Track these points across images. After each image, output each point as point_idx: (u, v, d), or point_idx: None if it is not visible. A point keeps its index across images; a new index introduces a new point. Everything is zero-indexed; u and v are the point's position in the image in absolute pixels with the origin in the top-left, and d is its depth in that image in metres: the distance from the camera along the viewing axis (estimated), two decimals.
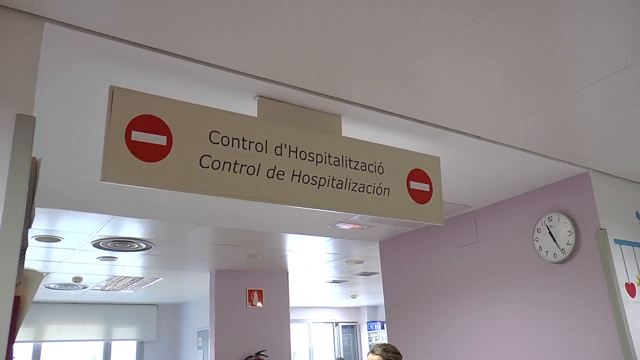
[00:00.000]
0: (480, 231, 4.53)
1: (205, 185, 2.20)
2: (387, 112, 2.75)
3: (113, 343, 9.93)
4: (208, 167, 2.21)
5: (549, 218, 3.97)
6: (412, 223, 4.87)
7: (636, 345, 3.44)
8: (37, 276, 1.77)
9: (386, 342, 3.47)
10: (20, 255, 1.67)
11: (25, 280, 1.72)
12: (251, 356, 6.90)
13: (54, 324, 9.23)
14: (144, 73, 2.28)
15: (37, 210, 4.16)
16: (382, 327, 12.10)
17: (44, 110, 2.48)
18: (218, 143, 2.26)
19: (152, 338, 10.14)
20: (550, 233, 3.94)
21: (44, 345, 9.27)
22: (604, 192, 3.84)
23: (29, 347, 9.09)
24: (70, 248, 5.34)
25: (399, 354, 3.25)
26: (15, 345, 1.65)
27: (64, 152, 3.02)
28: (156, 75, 2.30)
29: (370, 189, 2.64)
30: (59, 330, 9.26)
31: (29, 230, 1.75)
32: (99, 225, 4.61)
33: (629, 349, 3.40)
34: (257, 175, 2.33)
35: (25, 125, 1.74)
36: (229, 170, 2.25)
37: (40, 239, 4.86)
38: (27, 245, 1.79)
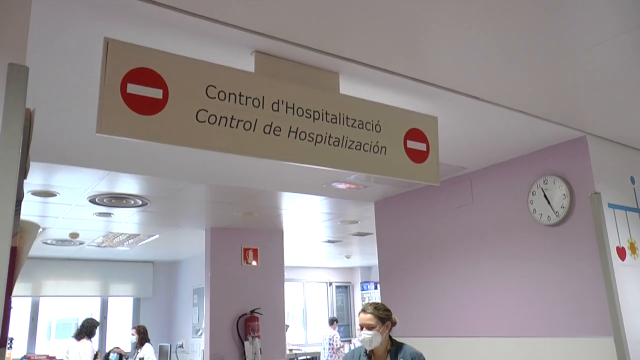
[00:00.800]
0: (475, 193, 4.56)
1: (201, 139, 2.19)
2: (386, 70, 2.72)
3: (110, 299, 10.07)
4: (204, 121, 2.20)
5: (544, 181, 3.99)
6: (408, 183, 4.88)
7: (623, 307, 3.51)
8: (33, 227, 1.78)
9: (376, 301, 3.52)
10: (16, 207, 1.67)
11: (22, 231, 1.73)
12: (246, 314, 7.01)
13: (52, 279, 9.33)
14: (139, 26, 2.24)
15: (33, 164, 4.15)
16: (376, 288, 12.29)
17: (39, 62, 2.45)
18: (215, 98, 2.24)
19: (148, 295, 10.27)
20: (545, 196, 3.96)
21: (41, 300, 9.39)
22: (600, 157, 3.85)
23: (27, 301, 9.20)
24: (66, 203, 5.35)
25: (388, 310, 3.31)
26: (13, 299, 1.67)
27: (59, 105, 2.99)
28: (152, 29, 2.26)
29: (367, 147, 2.64)
30: (56, 286, 9.36)
31: (25, 182, 1.75)
32: (95, 181, 4.61)
33: (617, 311, 3.47)
34: (253, 131, 2.31)
35: (18, 74, 1.72)
36: (225, 125, 2.24)
37: (36, 193, 4.86)
38: (23, 197, 1.79)
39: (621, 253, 3.71)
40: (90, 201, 5.27)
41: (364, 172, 2.65)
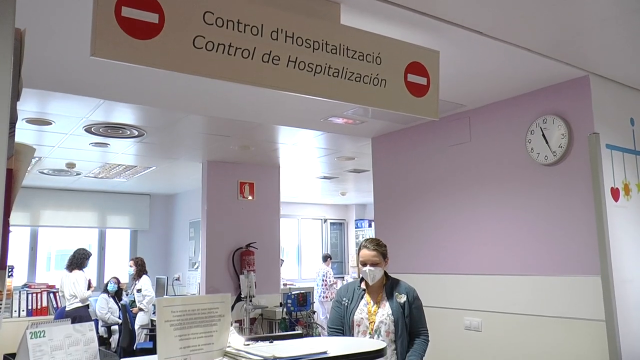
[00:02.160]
0: (473, 131, 4.54)
1: (198, 66, 2.15)
2: (388, 1, 2.64)
3: (107, 231, 10.19)
4: (201, 48, 2.15)
5: (543, 120, 3.97)
6: (406, 119, 4.85)
7: (613, 247, 3.57)
8: (29, 150, 1.77)
9: (373, 237, 3.57)
10: (10, 128, 1.65)
11: (17, 153, 1.72)
12: (241, 248, 7.12)
13: (49, 209, 9.40)
14: None
15: (27, 91, 4.09)
16: (370, 226, 12.45)
17: None
18: (212, 24, 2.18)
19: (145, 227, 10.39)
20: (543, 135, 3.95)
21: (40, 231, 9.50)
22: (601, 97, 3.81)
23: (26, 231, 9.31)
24: (61, 132, 5.31)
25: (386, 246, 3.37)
26: (12, 228, 1.67)
27: (53, 28, 2.90)
28: None
29: (366, 80, 2.60)
30: (54, 216, 9.45)
31: (19, 109, 1.72)
32: (90, 110, 4.56)
33: (606, 250, 3.53)
34: (251, 59, 2.27)
35: None
36: (222, 52, 2.19)
37: (30, 121, 4.82)
38: (17, 119, 1.77)
39: (615, 194, 3.74)
40: (86, 130, 5.23)
41: (363, 105, 2.62)
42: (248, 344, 2.14)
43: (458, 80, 3.87)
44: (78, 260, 7.43)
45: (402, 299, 3.23)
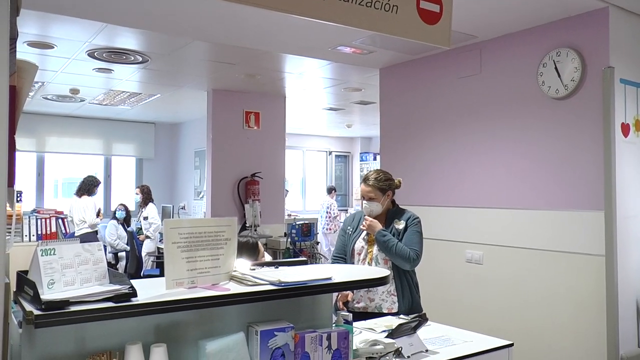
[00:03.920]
0: (484, 63, 4.44)
1: None
2: None
3: (113, 159, 10.23)
4: None
5: (557, 53, 3.86)
6: (415, 50, 4.74)
7: (618, 183, 3.56)
8: (31, 67, 1.73)
9: (377, 169, 3.53)
10: (11, 45, 1.61)
11: (19, 70, 1.69)
12: (246, 177, 7.15)
13: (55, 136, 9.41)
14: None
15: (27, 12, 3.99)
16: (375, 159, 12.45)
17: None
18: None
19: (150, 156, 10.42)
20: (556, 68, 3.86)
21: (47, 158, 9.54)
22: (619, 30, 3.69)
23: (33, 157, 9.35)
24: (64, 57, 5.23)
25: (389, 179, 3.33)
26: (19, 154, 1.66)
27: None
28: None
29: (377, 5, 2.50)
30: (59, 143, 9.47)
31: (20, 32, 1.67)
32: (93, 34, 4.46)
33: (611, 185, 3.53)
34: None
35: None
36: None
37: (32, 44, 4.73)
38: (17, 35, 1.72)
39: (625, 129, 3.69)
40: (89, 55, 5.14)
41: (373, 31, 2.54)
42: (254, 269, 2.18)
43: (470, 10, 3.74)
44: (87, 187, 7.51)
45: (401, 225, 3.24)
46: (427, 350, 2.46)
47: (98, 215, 7.50)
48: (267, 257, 2.14)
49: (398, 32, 2.60)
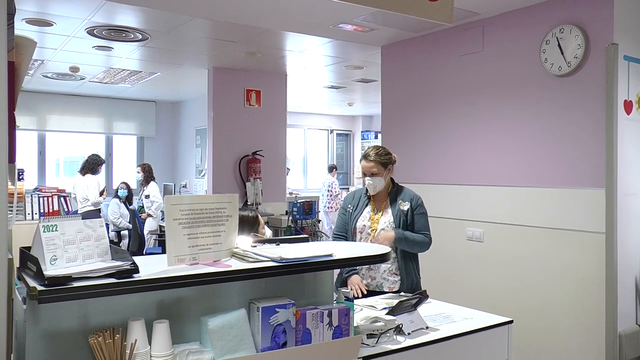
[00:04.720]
0: (486, 40, 4.40)
1: None
2: None
3: (114, 137, 10.21)
4: None
5: (560, 30, 3.83)
6: (417, 27, 4.69)
7: (620, 160, 3.55)
8: (30, 43, 1.72)
9: (375, 145, 3.52)
10: (9, 20, 1.60)
11: (18, 46, 1.67)
12: (248, 155, 7.14)
13: (56, 114, 9.39)
14: None
15: None
16: (376, 137, 12.41)
17: None
18: None
19: (151, 134, 10.40)
20: (559, 45, 3.83)
21: (48, 137, 9.53)
22: (624, 6, 3.65)
23: (34, 136, 9.35)
24: (64, 34, 5.19)
25: (389, 154, 3.33)
26: (19, 132, 1.66)
27: None
28: None
29: None
30: (60, 121, 9.45)
31: (17, 8, 1.65)
32: (92, 11, 4.42)
33: (613, 162, 3.52)
34: None
35: None
36: None
37: (30, 22, 4.69)
38: (15, 11, 1.70)
39: (628, 107, 3.67)
40: (88, 33, 5.10)
41: (375, 7, 2.52)
42: (255, 246, 2.19)
43: None
44: (91, 165, 7.53)
45: (406, 206, 3.25)
46: (427, 327, 2.49)
47: (102, 194, 7.53)
48: (267, 230, 2.15)
49: (400, 9, 2.57)
